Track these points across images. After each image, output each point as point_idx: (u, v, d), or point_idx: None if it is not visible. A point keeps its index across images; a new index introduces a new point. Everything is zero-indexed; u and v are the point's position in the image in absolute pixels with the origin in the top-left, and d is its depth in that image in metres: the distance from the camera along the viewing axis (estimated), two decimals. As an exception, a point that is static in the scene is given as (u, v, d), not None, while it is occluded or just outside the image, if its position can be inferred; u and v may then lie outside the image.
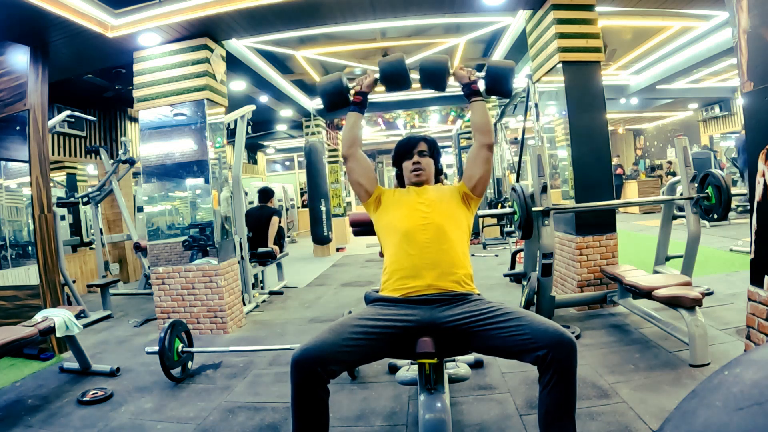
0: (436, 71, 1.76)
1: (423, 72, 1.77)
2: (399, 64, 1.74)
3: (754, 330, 1.79)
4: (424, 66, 1.76)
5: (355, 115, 1.75)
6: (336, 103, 1.79)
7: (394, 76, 1.76)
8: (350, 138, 1.74)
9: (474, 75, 1.73)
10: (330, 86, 1.77)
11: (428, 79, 1.79)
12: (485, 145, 1.68)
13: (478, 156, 1.68)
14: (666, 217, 3.41)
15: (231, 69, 4.55)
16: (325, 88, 1.78)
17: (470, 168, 1.70)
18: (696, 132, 10.69)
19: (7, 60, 3.16)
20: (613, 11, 4.39)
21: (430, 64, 1.76)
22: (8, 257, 3.31)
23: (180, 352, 2.53)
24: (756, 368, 0.50)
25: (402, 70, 1.75)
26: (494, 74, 1.73)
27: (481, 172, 1.67)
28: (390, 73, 1.76)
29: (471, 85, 1.72)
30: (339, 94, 1.77)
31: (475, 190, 1.68)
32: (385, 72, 1.76)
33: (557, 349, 1.23)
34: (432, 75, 1.77)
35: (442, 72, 1.75)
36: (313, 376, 1.23)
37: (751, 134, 1.76)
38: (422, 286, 1.46)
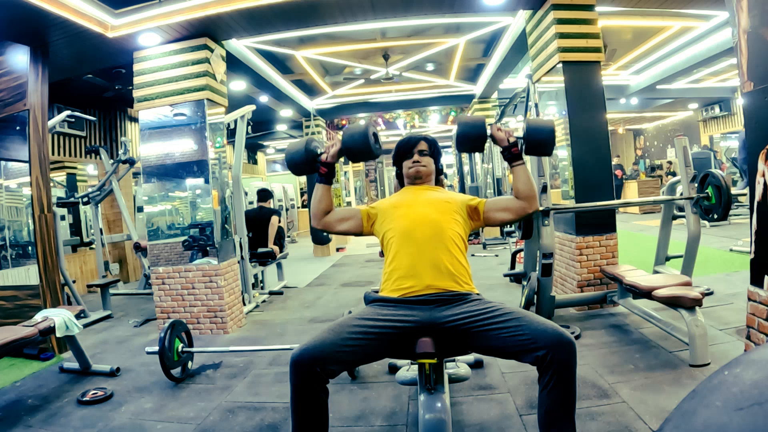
0: (473, 135, 1.65)
1: (460, 136, 1.67)
2: (361, 137, 1.62)
3: (754, 330, 1.79)
4: (462, 130, 1.66)
5: (322, 188, 1.68)
6: (303, 170, 1.71)
7: (357, 149, 1.64)
8: (319, 211, 1.68)
9: (512, 137, 1.63)
10: (296, 155, 1.68)
11: (465, 143, 1.69)
12: (528, 211, 1.61)
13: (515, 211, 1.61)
14: (666, 217, 3.41)
15: (231, 69, 4.55)
16: (292, 156, 1.69)
17: (500, 210, 1.63)
18: (696, 132, 10.69)
19: (7, 60, 3.16)
20: (613, 11, 4.40)
21: (468, 128, 1.65)
22: (8, 257, 3.31)
23: (180, 352, 2.53)
24: (756, 368, 0.50)
25: (364, 142, 1.62)
26: (534, 136, 1.64)
27: (506, 219, 1.64)
28: (352, 146, 1.64)
29: (511, 149, 1.61)
30: (306, 162, 1.68)
31: (487, 220, 1.65)
32: (346, 144, 1.65)
33: (557, 349, 1.23)
34: (470, 139, 1.67)
35: (481, 137, 1.65)
36: (313, 375, 1.23)
37: (751, 134, 1.76)
38: (421, 286, 1.46)
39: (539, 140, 1.65)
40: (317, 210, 1.69)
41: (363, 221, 1.68)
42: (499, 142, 1.63)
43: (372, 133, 1.64)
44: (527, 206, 1.60)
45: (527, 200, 1.60)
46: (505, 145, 1.62)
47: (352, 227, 1.68)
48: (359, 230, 1.68)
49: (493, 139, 1.65)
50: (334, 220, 1.69)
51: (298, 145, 1.70)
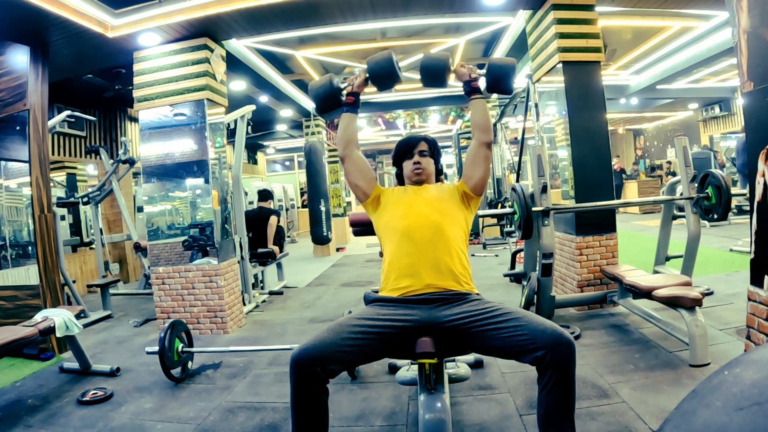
0: (436, 68, 1.74)
1: (424, 69, 1.75)
2: (386, 62, 1.72)
3: (754, 330, 1.79)
4: (425, 63, 1.75)
5: (349, 116, 1.75)
6: (329, 104, 1.77)
7: (383, 75, 1.74)
8: (346, 138, 1.73)
9: (475, 72, 1.72)
10: (321, 89, 1.76)
11: (429, 76, 1.77)
12: (484, 143, 1.68)
13: (478, 154, 1.68)
14: (666, 217, 3.41)
15: (231, 69, 4.55)
16: (317, 91, 1.76)
17: (469, 167, 1.69)
18: (696, 132, 10.69)
19: (7, 60, 3.16)
20: (613, 11, 4.40)
21: (431, 61, 1.74)
22: (8, 257, 3.31)
23: (180, 352, 2.53)
24: (756, 368, 0.50)
25: (389, 67, 1.72)
26: (495, 72, 1.72)
27: (481, 170, 1.67)
28: (378, 72, 1.74)
29: (471, 83, 1.70)
30: (331, 95, 1.75)
31: (474, 189, 1.67)
32: (373, 71, 1.74)
33: (556, 349, 1.23)
34: (433, 72, 1.75)
35: (443, 69, 1.73)
36: (313, 375, 1.23)
37: (751, 134, 1.76)
38: (421, 285, 1.46)
39: (499, 76, 1.72)
40: (344, 136, 1.73)
41: (373, 191, 1.70)
42: (460, 77, 1.72)
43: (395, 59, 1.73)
44: (484, 137, 1.68)
45: (483, 130, 1.68)
46: (467, 79, 1.71)
47: (363, 184, 1.71)
48: (365, 193, 1.71)
49: (455, 73, 1.73)
50: (358, 160, 1.72)
51: (322, 81, 1.76)
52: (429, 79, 1.78)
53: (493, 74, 1.72)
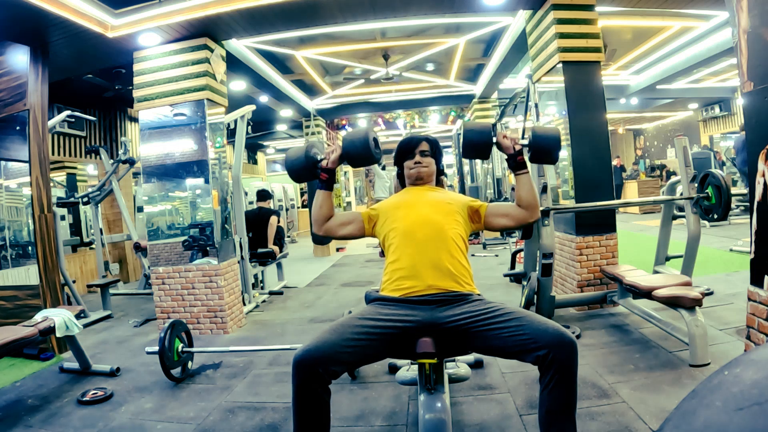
0: (480, 141, 1.65)
1: (467, 142, 1.67)
2: (361, 143, 1.62)
3: (754, 330, 1.79)
4: (468, 136, 1.66)
5: (323, 194, 1.66)
6: (303, 176, 1.70)
7: (358, 155, 1.64)
8: (320, 217, 1.67)
9: (518, 144, 1.62)
10: (296, 161, 1.67)
11: (471, 149, 1.68)
12: (529, 220, 1.62)
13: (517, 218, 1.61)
14: (666, 217, 3.41)
15: (231, 69, 4.55)
16: (292, 163, 1.68)
17: (502, 215, 1.63)
18: (696, 132, 10.69)
19: (7, 60, 3.16)
20: (613, 11, 4.40)
21: (474, 135, 1.65)
22: (8, 257, 3.31)
23: (180, 352, 2.53)
24: (756, 368, 0.50)
25: (365, 148, 1.61)
26: (540, 143, 1.63)
27: (506, 224, 1.64)
28: (353, 151, 1.64)
29: (517, 157, 1.61)
30: (305, 168, 1.67)
31: (486, 225, 1.65)
32: (347, 150, 1.64)
33: (558, 349, 1.23)
34: (476, 146, 1.66)
35: (487, 143, 1.64)
36: (315, 376, 1.23)
37: (751, 134, 1.76)
38: (422, 286, 1.46)
39: (545, 148, 1.65)
40: (318, 216, 1.68)
41: (364, 224, 1.68)
42: (505, 150, 1.63)
43: (372, 138, 1.64)
44: (528, 216, 1.60)
45: (529, 209, 1.60)
46: (511, 153, 1.62)
47: (354, 231, 1.68)
48: (361, 233, 1.68)
49: (498, 146, 1.64)
50: (336, 225, 1.68)
51: (297, 152, 1.69)
52: (471, 151, 1.69)
53: (538, 146, 1.64)
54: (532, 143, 1.65)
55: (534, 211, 1.61)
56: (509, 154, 1.63)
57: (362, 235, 1.68)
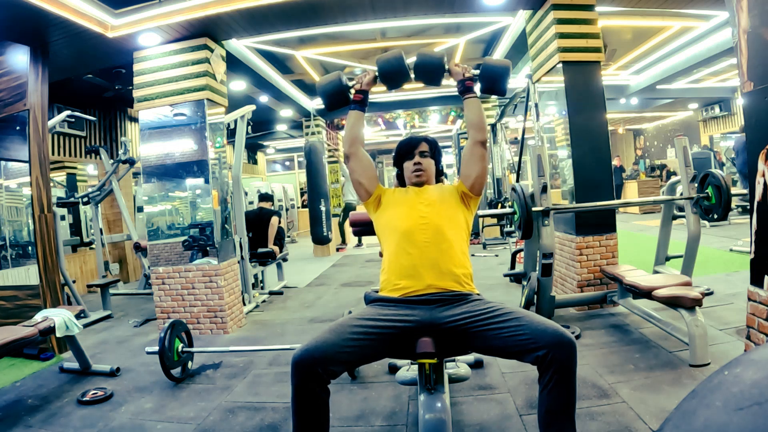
0: (431, 66, 1.75)
1: (418, 67, 1.77)
2: (397, 61, 1.74)
3: (754, 330, 1.79)
4: (420, 61, 1.76)
5: (356, 114, 1.75)
6: (336, 101, 1.78)
7: (393, 74, 1.76)
8: (352, 136, 1.73)
9: (469, 72, 1.72)
10: (330, 86, 1.76)
11: (423, 74, 1.78)
12: (479, 142, 1.68)
13: (473, 153, 1.68)
14: (666, 217, 3.41)
15: (231, 69, 4.55)
16: (325, 87, 1.77)
17: (466, 167, 1.69)
18: (696, 132, 10.69)
19: (7, 60, 3.16)
20: (613, 11, 4.40)
21: (426, 59, 1.76)
22: (8, 257, 3.31)
23: (180, 352, 2.53)
24: (756, 368, 0.50)
25: (400, 66, 1.74)
26: (490, 73, 1.73)
27: (478, 169, 1.66)
28: (388, 71, 1.75)
29: (465, 82, 1.71)
30: (339, 93, 1.76)
31: (472, 188, 1.67)
32: (383, 69, 1.75)
33: (557, 349, 1.23)
34: (427, 69, 1.76)
35: (438, 67, 1.74)
36: (314, 376, 1.23)
37: (751, 134, 1.76)
38: (422, 286, 1.46)
39: (494, 77, 1.73)
40: (351, 134, 1.73)
41: (374, 192, 1.71)
42: (455, 76, 1.73)
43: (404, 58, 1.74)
44: (478, 136, 1.68)
45: (477, 129, 1.68)
46: (461, 78, 1.71)
47: (366, 183, 1.71)
48: (367, 192, 1.71)
49: (449, 72, 1.74)
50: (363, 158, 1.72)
51: (330, 77, 1.77)
52: (424, 76, 1.79)
53: (487, 75, 1.73)
54: (482, 72, 1.73)
55: (482, 130, 1.68)
56: (459, 80, 1.72)
57: (367, 193, 1.71)
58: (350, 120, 1.75)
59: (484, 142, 1.68)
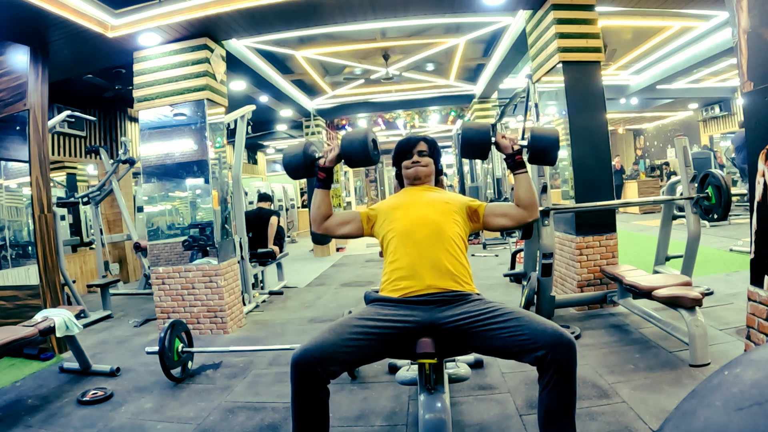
0: (478, 142, 1.64)
1: (465, 142, 1.66)
2: (360, 144, 1.62)
3: (754, 330, 1.79)
4: (466, 135, 1.66)
5: (321, 193, 1.68)
6: (301, 174, 1.70)
7: (356, 156, 1.64)
8: (318, 216, 1.68)
9: (517, 145, 1.63)
10: (294, 159, 1.67)
11: (470, 149, 1.68)
12: (527, 220, 1.61)
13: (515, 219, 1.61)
14: (666, 217, 3.41)
15: (231, 69, 4.55)
16: (289, 160, 1.68)
17: (501, 215, 1.62)
18: (696, 132, 10.69)
19: (7, 60, 3.16)
20: (613, 11, 4.40)
21: (473, 134, 1.65)
22: (8, 257, 3.31)
23: (180, 352, 2.53)
24: (756, 368, 0.50)
25: (363, 150, 1.61)
26: (538, 144, 1.64)
27: (504, 224, 1.63)
28: (351, 152, 1.64)
29: (515, 156, 1.62)
30: (303, 165, 1.67)
31: (485, 225, 1.65)
32: (345, 150, 1.65)
33: (557, 349, 1.23)
34: (474, 145, 1.66)
35: (485, 142, 1.64)
36: (314, 376, 1.23)
37: (751, 134, 1.76)
38: (421, 286, 1.46)
39: (543, 149, 1.65)
40: (317, 215, 1.69)
41: (363, 224, 1.68)
42: (504, 150, 1.63)
43: (371, 139, 1.64)
44: (527, 215, 1.60)
45: (527, 209, 1.59)
46: (510, 152, 1.62)
47: (353, 230, 1.68)
48: (360, 233, 1.69)
49: (497, 146, 1.64)
50: (335, 225, 1.69)
51: (295, 149, 1.69)
52: (470, 151, 1.68)
53: (536, 147, 1.64)
54: (530, 144, 1.65)
55: (533, 210, 1.60)
56: (507, 154, 1.63)
57: (361, 234, 1.69)
58: (316, 199, 1.68)
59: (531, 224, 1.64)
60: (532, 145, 1.65)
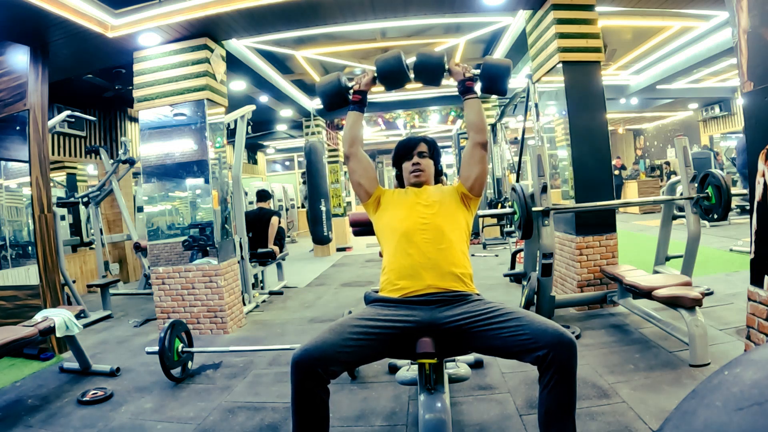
0: (431, 65, 1.74)
1: (418, 66, 1.75)
2: (396, 62, 1.72)
3: (754, 330, 1.79)
4: (420, 60, 1.74)
5: (355, 114, 1.75)
6: (335, 102, 1.77)
7: (392, 74, 1.74)
8: (351, 137, 1.73)
9: (469, 72, 1.71)
10: (329, 86, 1.76)
11: (423, 74, 1.77)
12: (479, 144, 1.67)
13: (473, 155, 1.67)
14: (666, 217, 3.41)
15: (231, 69, 4.55)
16: (324, 88, 1.77)
17: (466, 168, 1.69)
18: (696, 132, 10.69)
19: (7, 60, 3.16)
20: (613, 11, 4.40)
21: (426, 59, 1.74)
22: (8, 257, 3.31)
23: (180, 352, 2.53)
24: (756, 368, 0.50)
25: (399, 67, 1.73)
26: (490, 72, 1.72)
27: (477, 171, 1.66)
28: (387, 71, 1.74)
29: (466, 82, 1.69)
30: (338, 93, 1.75)
31: (472, 189, 1.67)
32: (382, 70, 1.74)
33: (557, 349, 1.23)
34: (427, 70, 1.75)
35: (438, 67, 1.73)
36: (314, 376, 1.23)
37: (751, 134, 1.76)
38: (422, 286, 1.46)
39: (494, 77, 1.72)
40: (350, 135, 1.73)
41: (374, 193, 1.71)
42: (455, 76, 1.71)
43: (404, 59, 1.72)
44: (478, 137, 1.67)
45: (477, 130, 1.67)
46: (461, 78, 1.69)
47: (366, 184, 1.71)
48: (367, 193, 1.71)
49: (449, 72, 1.72)
50: (362, 159, 1.72)
51: (330, 78, 1.76)
52: (424, 76, 1.78)
53: (487, 75, 1.72)
54: (482, 72, 1.72)
55: (482, 132, 1.67)
56: (459, 80, 1.70)
57: (365, 194, 1.71)
58: (349, 120, 1.75)
59: (485, 144, 1.68)
60: (484, 73, 1.72)
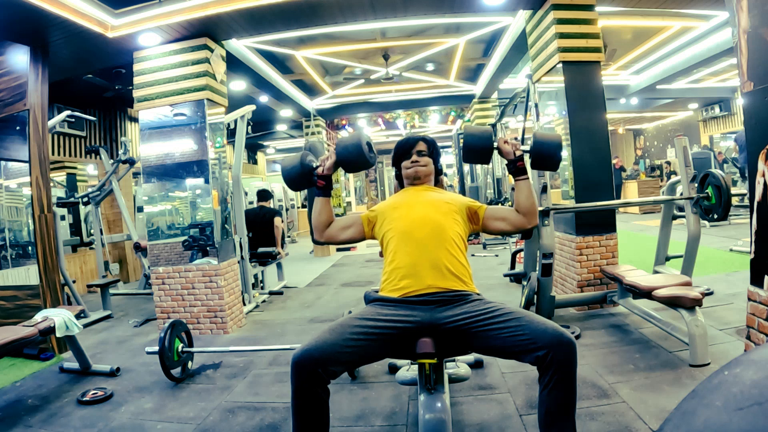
0: (480, 146, 1.64)
1: (466, 146, 1.66)
2: (354, 148, 1.61)
3: (754, 330, 1.79)
4: (468, 141, 1.65)
5: (321, 201, 1.67)
6: (299, 184, 1.70)
7: (352, 160, 1.64)
8: (320, 224, 1.67)
9: (519, 149, 1.61)
10: (292, 170, 1.67)
11: (471, 154, 1.67)
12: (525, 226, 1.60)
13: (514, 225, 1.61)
14: (666, 217, 3.41)
15: (231, 69, 4.55)
16: (288, 171, 1.68)
17: (500, 219, 1.62)
18: (696, 132, 10.69)
19: (7, 60, 3.16)
20: (613, 11, 4.40)
21: (474, 140, 1.64)
22: (8, 257, 3.31)
23: (180, 352, 2.53)
24: (756, 368, 0.50)
25: (358, 153, 1.61)
26: (541, 149, 1.62)
27: (503, 230, 1.64)
28: (346, 157, 1.63)
29: (517, 162, 1.60)
30: (301, 176, 1.67)
31: (485, 228, 1.65)
32: (341, 155, 1.63)
33: (557, 349, 1.23)
34: (475, 149, 1.65)
35: (486, 147, 1.63)
36: (314, 376, 1.23)
37: (751, 134, 1.76)
38: (422, 286, 1.46)
39: (546, 155, 1.64)
40: (318, 223, 1.68)
41: (364, 226, 1.68)
42: (506, 156, 1.62)
43: (365, 142, 1.63)
44: (526, 222, 1.60)
45: (527, 215, 1.59)
46: (512, 158, 1.60)
47: (355, 234, 1.68)
48: (361, 236, 1.68)
49: (499, 151, 1.63)
50: (336, 231, 1.69)
51: (292, 161, 1.69)
52: (471, 157, 1.68)
53: (538, 153, 1.62)
54: (533, 149, 1.63)
55: (532, 217, 1.59)
56: (509, 160, 1.61)
57: (363, 238, 1.68)
58: (316, 208, 1.67)
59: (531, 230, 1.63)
60: (535, 150, 1.63)
